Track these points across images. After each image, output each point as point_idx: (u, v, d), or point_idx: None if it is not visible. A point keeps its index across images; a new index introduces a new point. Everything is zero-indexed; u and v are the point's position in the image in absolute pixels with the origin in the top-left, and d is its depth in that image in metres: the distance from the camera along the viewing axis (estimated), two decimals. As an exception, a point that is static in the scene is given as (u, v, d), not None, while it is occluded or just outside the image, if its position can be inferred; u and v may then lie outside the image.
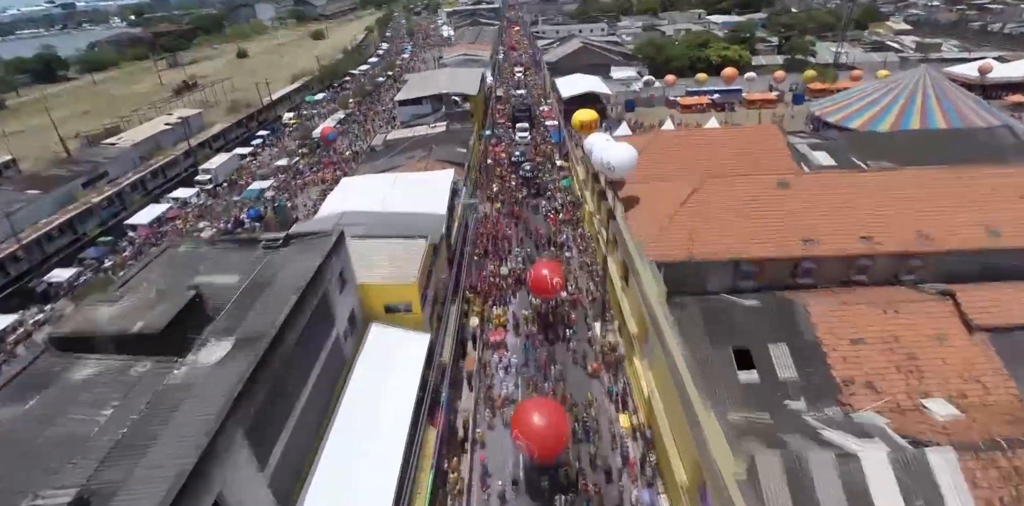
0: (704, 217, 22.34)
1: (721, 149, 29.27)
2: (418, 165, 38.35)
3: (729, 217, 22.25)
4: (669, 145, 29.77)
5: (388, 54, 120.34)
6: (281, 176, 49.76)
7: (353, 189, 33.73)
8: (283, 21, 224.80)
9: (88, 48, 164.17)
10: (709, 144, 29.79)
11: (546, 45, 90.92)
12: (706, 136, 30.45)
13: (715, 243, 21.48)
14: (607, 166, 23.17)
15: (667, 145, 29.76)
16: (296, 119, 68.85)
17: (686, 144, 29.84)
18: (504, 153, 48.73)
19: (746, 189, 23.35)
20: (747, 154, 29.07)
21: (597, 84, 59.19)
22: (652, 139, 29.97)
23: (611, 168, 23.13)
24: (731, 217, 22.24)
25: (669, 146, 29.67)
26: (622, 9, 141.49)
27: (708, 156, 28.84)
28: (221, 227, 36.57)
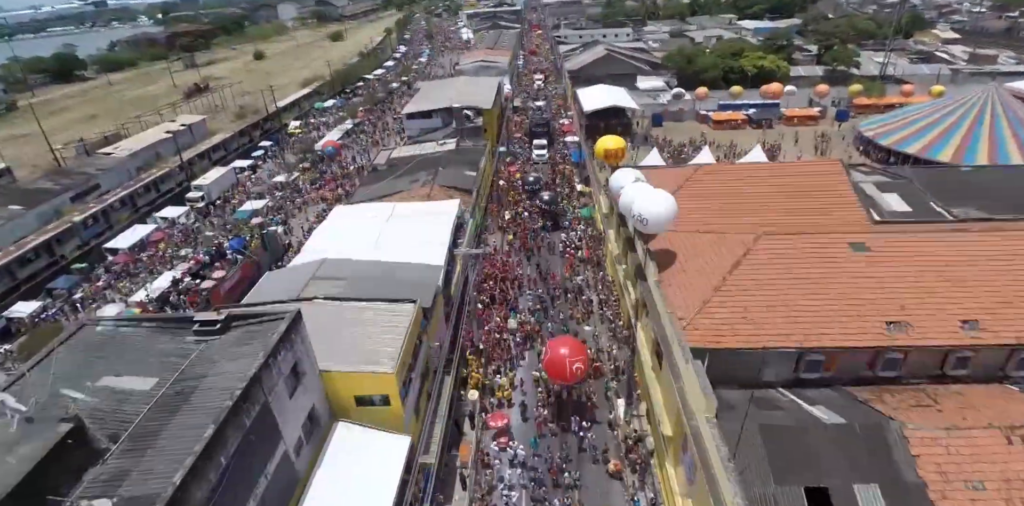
0: (759, 289, 17.84)
1: (773, 189, 24.70)
2: (421, 191, 34.33)
3: (791, 290, 17.73)
4: (711, 183, 25.28)
5: (405, 58, 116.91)
6: (278, 194, 46.15)
7: (345, 222, 29.80)
8: (304, 21, 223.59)
9: (108, 47, 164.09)
10: (759, 182, 25.24)
11: (568, 51, 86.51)
12: (755, 173, 25.86)
13: (774, 325, 16.99)
14: (640, 219, 18.81)
15: (709, 183, 25.28)
16: (301, 129, 65.41)
17: (731, 182, 25.32)
18: (519, 173, 44.47)
19: (811, 251, 18.80)
20: (804, 195, 24.48)
21: (622, 97, 54.64)
22: (691, 176, 25.48)
23: (644, 222, 18.77)
24: (794, 290, 17.72)
25: (711, 184, 25.19)
26: (649, 13, 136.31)
27: (758, 198, 24.30)
28: (201, 258, 32.97)
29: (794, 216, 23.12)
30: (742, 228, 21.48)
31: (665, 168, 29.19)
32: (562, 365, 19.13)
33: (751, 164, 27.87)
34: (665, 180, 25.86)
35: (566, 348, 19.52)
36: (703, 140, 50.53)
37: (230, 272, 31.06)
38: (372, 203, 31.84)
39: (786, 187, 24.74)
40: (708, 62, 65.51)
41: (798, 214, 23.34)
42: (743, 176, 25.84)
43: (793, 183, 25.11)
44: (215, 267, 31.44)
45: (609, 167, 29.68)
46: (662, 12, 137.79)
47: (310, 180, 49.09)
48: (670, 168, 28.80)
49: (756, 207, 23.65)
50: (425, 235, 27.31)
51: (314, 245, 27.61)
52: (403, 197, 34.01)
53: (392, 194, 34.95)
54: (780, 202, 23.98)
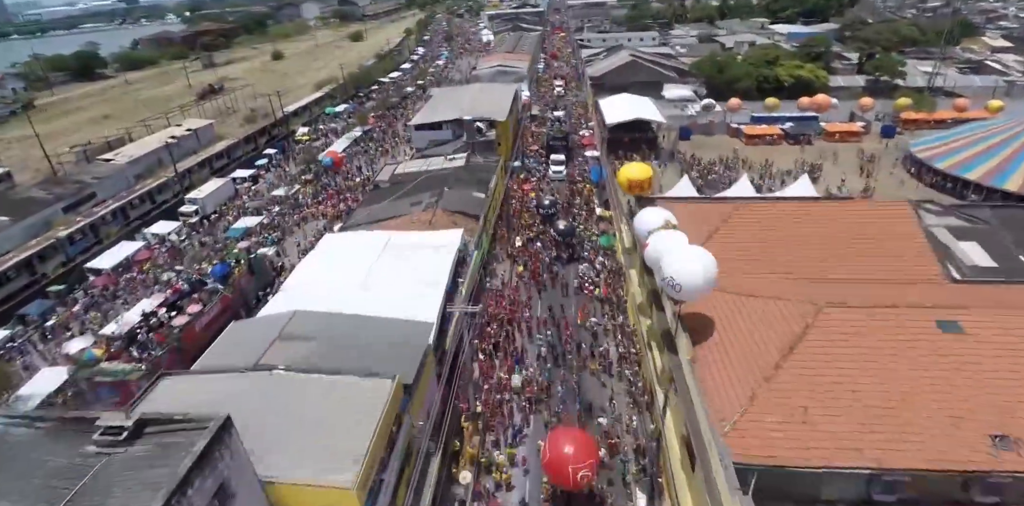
0: (822, 383, 14.13)
1: (828, 235, 20.84)
2: (422, 217, 31.05)
3: (864, 386, 13.97)
4: (753, 224, 21.50)
5: (423, 60, 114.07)
6: (275, 210, 43.32)
7: (333, 254, 26.64)
8: (327, 21, 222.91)
9: (131, 46, 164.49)
10: (810, 225, 21.40)
11: (591, 56, 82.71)
12: (806, 213, 21.98)
13: (841, 435, 13.27)
14: (671, 284, 15.22)
15: (751, 224, 21.50)
16: (308, 136, 62.71)
17: (778, 224, 21.51)
18: (533, 192, 40.94)
19: (889, 332, 14.99)
20: (867, 241, 20.58)
21: (647, 108, 50.72)
22: (729, 215, 21.73)
23: (677, 288, 15.17)
24: (867, 386, 13.96)
25: (753, 226, 21.40)
26: (676, 15, 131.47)
27: (810, 246, 20.48)
28: (180, 286, 30.12)
29: (856, 271, 19.28)
30: (794, 288, 17.76)
31: (698, 202, 25.40)
32: (564, 471, 15.61)
33: (800, 202, 23.93)
34: (698, 219, 22.23)
35: (571, 447, 15.90)
36: (735, 158, 46.43)
37: (208, 305, 28.12)
38: (366, 232, 28.63)
39: (844, 232, 20.85)
40: (741, 71, 61.21)
41: (860, 267, 19.48)
42: (791, 217, 21.99)
43: (854, 227, 21.20)
44: (193, 299, 28.51)
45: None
46: (690, 15, 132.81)
47: (312, 193, 46.20)
48: (704, 202, 25.01)
49: (808, 258, 19.84)
50: (422, 273, 24.05)
51: (296, 282, 24.53)
52: (402, 223, 30.80)
53: (391, 218, 31.77)
54: (839, 251, 20.12)
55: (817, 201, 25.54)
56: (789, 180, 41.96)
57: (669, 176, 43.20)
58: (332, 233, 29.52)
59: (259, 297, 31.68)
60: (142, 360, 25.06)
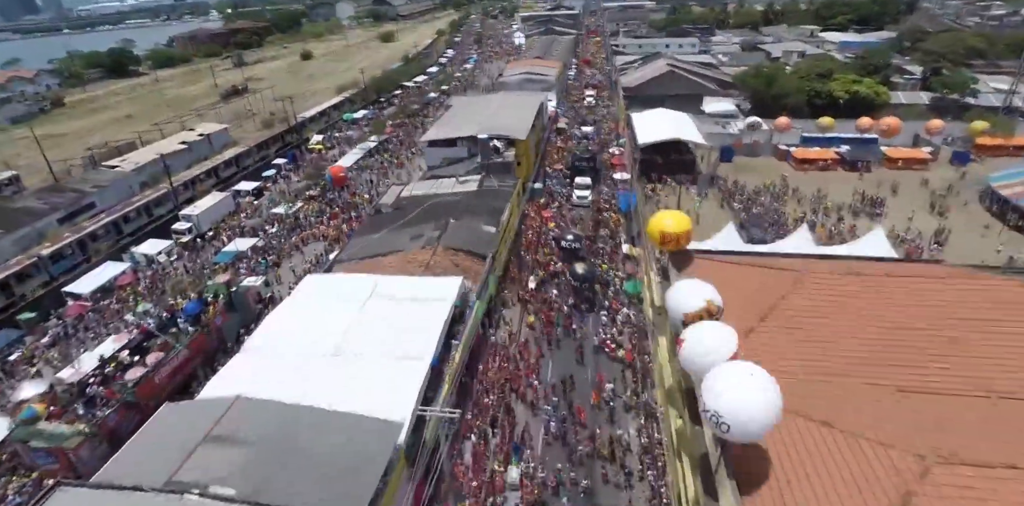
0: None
1: (932, 319, 16.00)
2: (421, 255, 27.15)
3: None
4: (823, 304, 16.80)
5: (452, 63, 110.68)
6: (272, 229, 40.05)
7: (309, 306, 22.90)
8: (361, 20, 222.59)
9: (167, 43, 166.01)
10: (903, 304, 16.58)
11: (625, 64, 77.84)
12: (888, 291, 17.12)
13: None
14: (716, 422, 10.86)
15: (820, 304, 16.81)
16: (322, 144, 59.63)
17: (857, 303, 16.75)
18: (553, 222, 36.62)
19: None
20: (972, 334, 15.66)
21: (686, 127, 45.82)
22: (787, 291, 17.08)
23: (724, 428, 10.80)
24: None
25: (824, 306, 16.70)
26: (718, 20, 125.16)
27: (907, 336, 15.71)
28: (147, 326, 26.91)
29: (975, 381, 14.45)
30: (883, 410, 13.12)
31: (747, 261, 20.71)
32: None
33: (883, 270, 19.00)
34: (748, 287, 17.72)
35: None
36: (784, 186, 41.22)
37: (171, 353, 24.75)
38: (351, 276, 24.82)
39: (954, 317, 15.99)
40: (790, 84, 55.66)
41: (979, 373, 14.65)
42: (874, 291, 17.17)
43: (950, 310, 16.33)
44: (156, 345, 25.21)
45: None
46: (733, 20, 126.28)
47: (315, 212, 42.85)
48: (754, 262, 20.30)
49: (903, 360, 15.08)
50: (407, 339, 20.12)
51: (262, 341, 20.85)
52: (397, 262, 26.96)
53: (386, 254, 27.97)
54: (945, 348, 15.28)
55: (902, 264, 20.51)
56: (848, 216, 36.80)
57: (708, 208, 38.38)
58: (315, 274, 25.83)
59: (240, 334, 28.35)
60: (88, 420, 21.87)
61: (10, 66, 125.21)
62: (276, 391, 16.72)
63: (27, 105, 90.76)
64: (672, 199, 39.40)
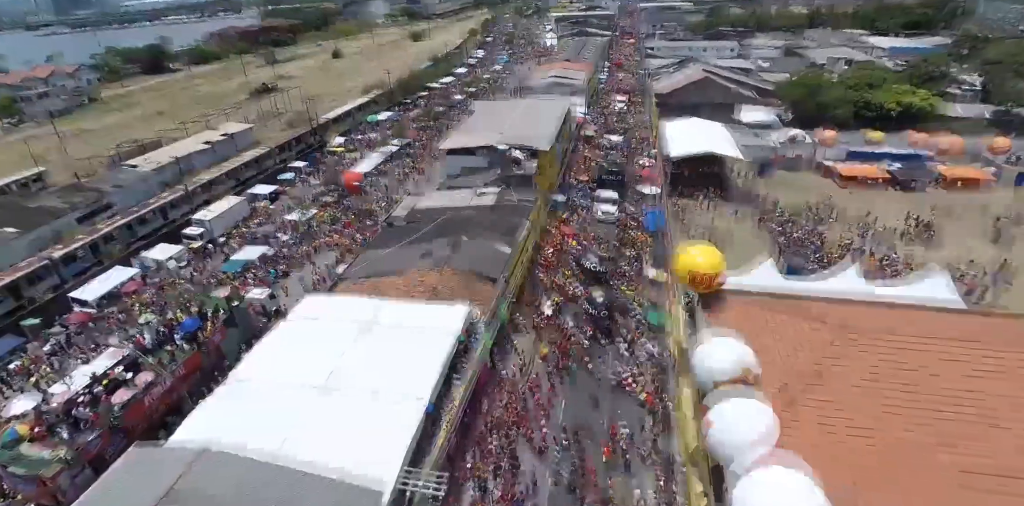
0: None
1: (997, 402, 13.46)
2: (429, 278, 25.36)
3: None
4: (881, 367, 14.39)
5: (481, 64, 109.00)
6: (283, 238, 38.85)
7: (304, 332, 21.33)
8: (395, 18, 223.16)
9: (203, 39, 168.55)
10: (977, 373, 14.07)
11: (659, 68, 74.95)
12: (956, 355, 14.55)
13: None
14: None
15: (877, 368, 14.40)
16: (343, 147, 58.49)
17: (920, 371, 14.29)
18: (574, 240, 34.42)
19: None
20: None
21: (722, 139, 43.02)
22: (840, 352, 14.67)
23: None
24: None
25: (882, 372, 14.29)
26: (758, 23, 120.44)
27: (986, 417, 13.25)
28: (143, 340, 25.78)
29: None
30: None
31: (788, 312, 18.11)
32: None
33: (947, 327, 16.31)
34: (789, 344, 15.45)
35: None
36: (827, 206, 38.15)
37: (163, 375, 23.52)
38: (352, 299, 23.15)
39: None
40: (836, 94, 52.13)
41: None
42: (928, 356, 14.64)
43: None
44: (147, 365, 23.99)
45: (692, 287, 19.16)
46: (773, 23, 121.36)
47: (330, 219, 41.56)
48: (796, 315, 17.71)
49: (982, 450, 12.55)
50: (404, 373, 18.38)
51: (249, 371, 19.33)
52: (403, 285, 25.23)
53: (392, 275, 26.28)
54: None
55: (973, 318, 17.69)
56: (899, 242, 33.64)
57: (743, 228, 35.66)
58: (315, 294, 24.29)
59: (240, 350, 27.05)
60: (70, 445, 20.72)
61: (53, 60, 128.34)
62: (254, 436, 15.16)
63: (64, 100, 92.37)
64: (704, 217, 36.83)
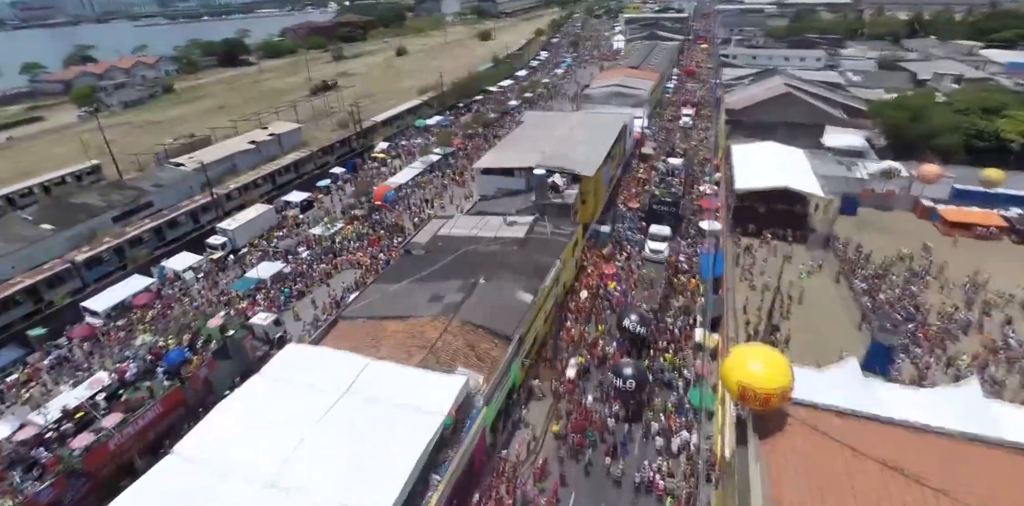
0: None
1: None
2: (428, 330, 21.92)
3: None
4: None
5: (543, 67, 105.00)
6: (305, 254, 36.61)
7: (270, 396, 18.35)
8: (465, 17, 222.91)
9: (279, 34, 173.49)
10: None
11: (733, 79, 68.31)
12: None
13: None
14: None
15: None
16: (385, 153, 56.18)
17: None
18: (613, 282, 29.99)
19: None
20: None
21: (801, 171, 37.10)
22: None
23: None
24: None
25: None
26: (851, 30, 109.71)
27: None
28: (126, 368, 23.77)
29: None
30: None
31: (876, 459, 13.13)
32: None
33: None
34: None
35: None
36: (926, 259, 31.78)
37: (137, 413, 21.36)
38: (337, 355, 19.96)
39: None
40: (942, 120, 44.58)
41: None
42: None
43: None
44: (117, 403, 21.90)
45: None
46: (868, 30, 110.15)
47: (355, 235, 39.08)
48: (888, 465, 12.80)
49: None
50: (373, 465, 15.02)
51: (196, 444, 16.53)
52: (403, 332, 21.91)
53: (393, 319, 23.04)
54: None
55: None
56: (1017, 313, 27.07)
57: (819, 281, 30.02)
58: (298, 345, 21.34)
59: (234, 383, 24.77)
60: (14, 496, 18.77)
61: (138, 52, 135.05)
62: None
63: (139, 91, 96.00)
64: (772, 264, 31.46)
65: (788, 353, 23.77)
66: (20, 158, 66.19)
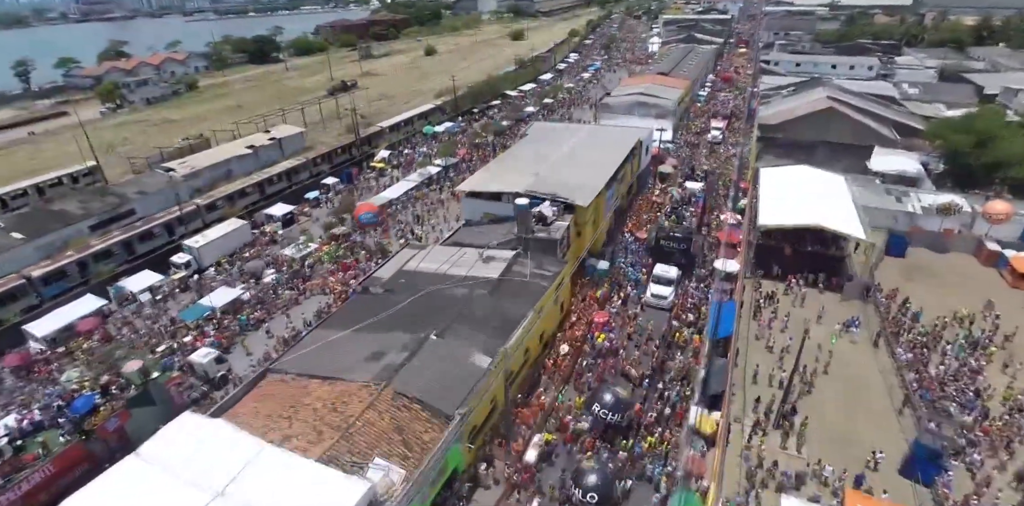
0: None
1: None
2: (352, 404, 18.07)
3: None
4: None
5: (570, 69, 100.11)
6: (269, 277, 33.32)
7: (135, 484, 14.83)
8: (501, 15, 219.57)
9: (313, 31, 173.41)
10: None
11: (771, 89, 62.28)
12: None
13: None
14: None
15: None
16: (383, 162, 52.61)
17: None
18: (603, 335, 25.46)
19: None
20: None
21: (839, 204, 31.64)
22: None
23: None
24: None
25: None
26: (909, 35, 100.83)
27: None
28: (35, 417, 20.76)
29: None
30: None
31: None
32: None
33: None
34: None
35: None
36: (991, 321, 26.09)
37: (23, 474, 18.31)
38: (236, 434, 16.25)
39: None
40: (1015, 147, 38.11)
41: None
42: None
43: None
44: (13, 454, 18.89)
45: None
46: (929, 36, 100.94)
47: (328, 257, 35.66)
48: None
49: None
50: None
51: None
52: (324, 400, 18.12)
53: (322, 380, 19.27)
54: None
55: None
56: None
57: (852, 350, 24.76)
58: (196, 414, 17.76)
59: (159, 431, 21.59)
60: None
61: (171, 48, 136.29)
62: None
63: (162, 88, 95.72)
64: (797, 316, 26.38)
65: (804, 448, 18.95)
66: (34, 155, 65.73)
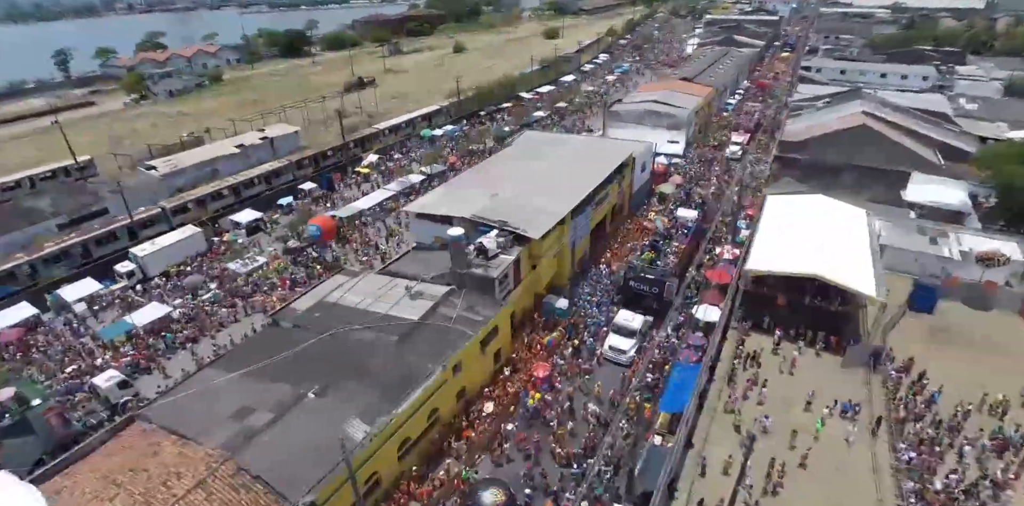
0: None
1: None
2: (192, 469, 14.88)
3: None
4: None
5: (597, 71, 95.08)
6: (207, 294, 30.69)
7: None
8: (542, 13, 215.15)
9: (349, 26, 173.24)
10: None
11: (805, 100, 56.16)
12: None
13: None
14: None
15: None
16: (368, 168, 49.52)
17: None
18: (540, 387, 21.52)
19: None
20: None
21: (851, 252, 26.45)
22: None
23: None
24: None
25: None
26: (976, 41, 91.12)
27: None
28: None
29: None
30: None
31: None
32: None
33: None
34: None
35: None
36: (1025, 408, 20.81)
37: None
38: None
39: None
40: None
41: None
42: None
43: None
44: None
45: None
46: (1000, 43, 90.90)
47: (279, 271, 32.88)
48: None
49: None
50: None
51: None
52: (164, 466, 15.03)
53: (179, 436, 16.17)
54: None
55: None
56: None
57: (847, 433, 19.97)
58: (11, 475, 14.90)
59: (38, 463, 19.31)
60: None
61: (208, 40, 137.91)
62: None
63: (185, 80, 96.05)
64: (778, 390, 21.70)
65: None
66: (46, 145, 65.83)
